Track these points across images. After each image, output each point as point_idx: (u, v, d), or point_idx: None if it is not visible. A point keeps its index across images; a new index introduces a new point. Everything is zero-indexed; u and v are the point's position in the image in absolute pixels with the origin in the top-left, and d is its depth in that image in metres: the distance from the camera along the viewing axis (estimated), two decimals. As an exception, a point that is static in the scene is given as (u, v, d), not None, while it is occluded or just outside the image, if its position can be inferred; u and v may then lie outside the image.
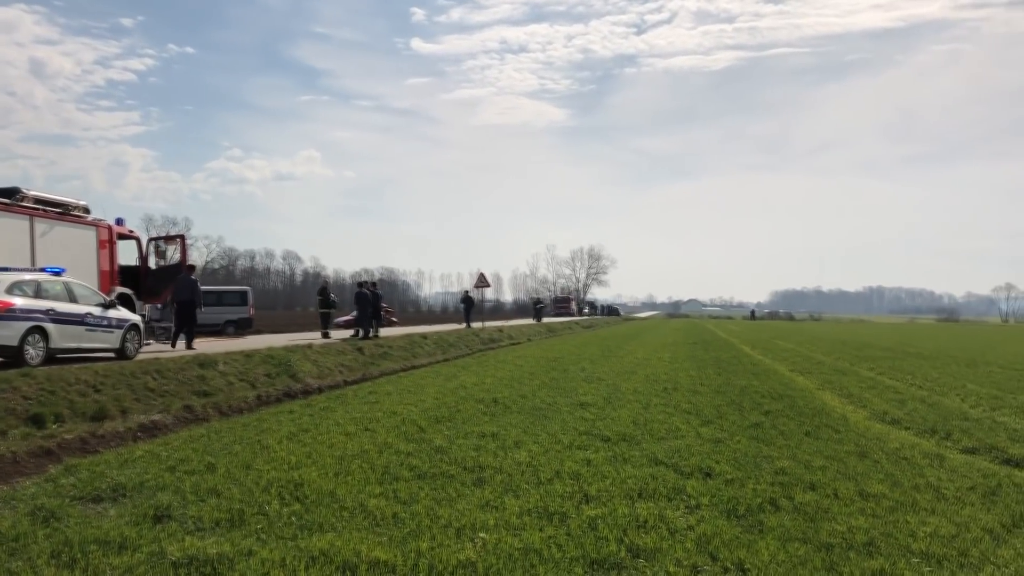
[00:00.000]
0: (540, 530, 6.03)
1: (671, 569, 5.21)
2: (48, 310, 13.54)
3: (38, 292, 13.63)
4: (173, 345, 19.29)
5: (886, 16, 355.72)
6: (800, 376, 20.23)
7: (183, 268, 21.75)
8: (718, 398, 14.66)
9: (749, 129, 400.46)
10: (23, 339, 12.91)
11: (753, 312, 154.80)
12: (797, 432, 10.83)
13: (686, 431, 10.76)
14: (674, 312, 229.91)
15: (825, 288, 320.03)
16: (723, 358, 26.63)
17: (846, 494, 7.28)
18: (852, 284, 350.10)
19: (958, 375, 20.70)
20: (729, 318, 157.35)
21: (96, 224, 19.14)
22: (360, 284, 29.63)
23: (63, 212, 18.04)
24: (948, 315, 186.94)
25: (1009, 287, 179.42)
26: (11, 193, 16.59)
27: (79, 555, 5.42)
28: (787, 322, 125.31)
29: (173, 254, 23.43)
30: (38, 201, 17.26)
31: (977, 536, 6.04)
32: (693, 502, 6.93)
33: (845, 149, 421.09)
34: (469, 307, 42.83)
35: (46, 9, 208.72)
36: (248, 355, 17.47)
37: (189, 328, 19.51)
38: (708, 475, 8.04)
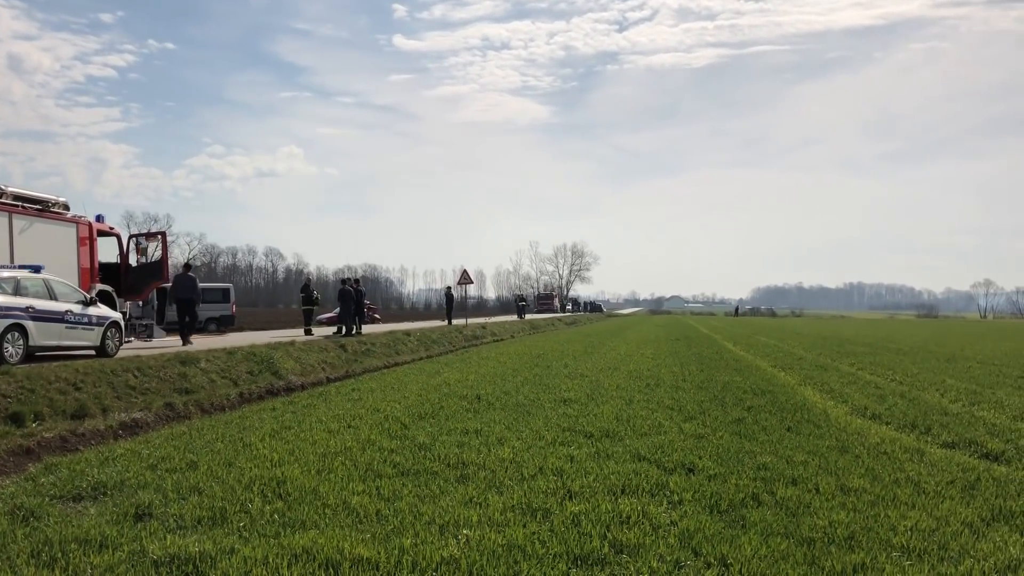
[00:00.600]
0: (523, 526, 6.04)
1: (654, 564, 5.23)
2: (27, 307, 13.39)
3: (17, 289, 13.47)
4: (185, 342, 19.71)
5: (866, 14, 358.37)
6: (782, 372, 20.36)
7: (164, 265, 21.67)
8: (700, 394, 14.73)
9: (730, 126, 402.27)
10: (1, 337, 12.76)
11: (737, 309, 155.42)
12: (779, 427, 10.90)
13: (669, 427, 10.80)
14: (656, 309, 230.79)
15: (806, 284, 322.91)
16: (705, 354, 26.76)
17: (827, 489, 7.34)
18: (833, 280, 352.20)
19: (937, 370, 20.89)
20: (711, 314, 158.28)
21: (76, 221, 18.95)
22: (343, 281, 29.49)
23: (42, 209, 17.84)
24: (928, 311, 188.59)
25: (988, 283, 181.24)
26: (-10, 189, 16.40)
27: (59, 554, 5.38)
28: (768, 318, 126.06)
29: (154, 251, 23.22)
30: (17, 198, 17.06)
31: (957, 530, 6.10)
32: (676, 498, 6.96)
33: (825, 146, 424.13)
34: (450, 303, 42.77)
35: (24, 4, 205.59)
36: (230, 352, 17.37)
37: (190, 324, 20.46)
38: (691, 471, 8.08)
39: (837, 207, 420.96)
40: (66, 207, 18.80)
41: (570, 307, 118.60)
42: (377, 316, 46.18)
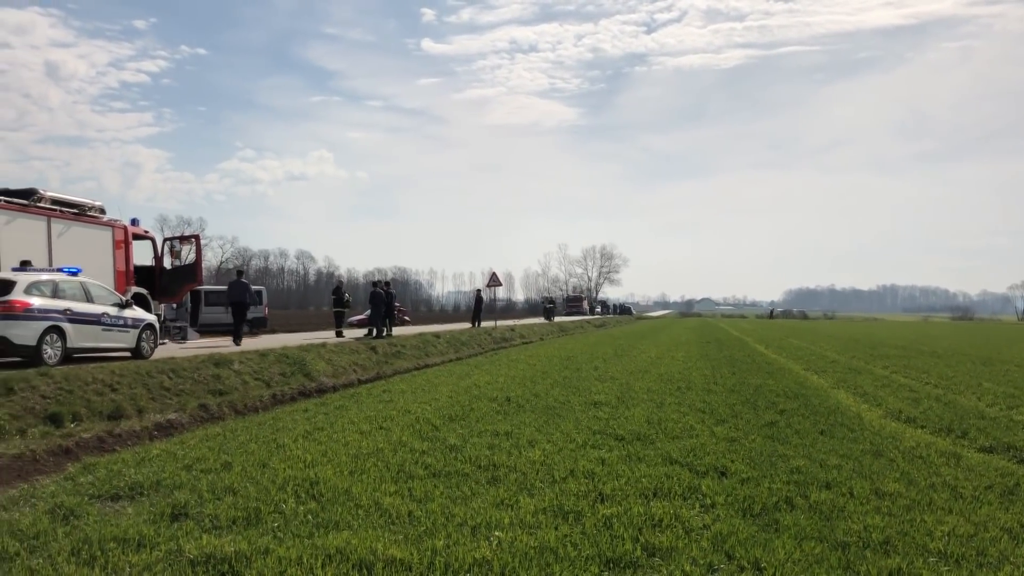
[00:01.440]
0: (555, 529, 6.03)
1: (687, 568, 5.20)
2: (65, 310, 13.64)
3: (55, 292, 13.73)
4: (237, 342, 20.74)
5: (897, 13, 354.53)
6: (814, 375, 20.14)
7: (198, 268, 22.06)
8: (732, 397, 14.62)
9: (759, 127, 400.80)
10: (41, 339, 13.01)
11: (772, 312, 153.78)
12: (812, 431, 10.79)
13: (700, 430, 10.73)
14: (687, 311, 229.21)
15: (838, 287, 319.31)
16: (736, 357, 26.53)
17: (861, 493, 7.25)
18: (865, 283, 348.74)
19: (973, 373, 20.55)
20: (742, 317, 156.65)
21: (112, 224, 19.28)
22: (374, 283, 29.76)
23: (79, 213, 18.18)
24: (963, 313, 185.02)
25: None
26: (28, 194, 16.74)
27: (98, 553, 5.47)
28: (801, 321, 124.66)
29: (188, 254, 23.59)
30: (55, 202, 17.41)
31: (995, 535, 6.00)
32: (708, 501, 6.92)
33: (855, 147, 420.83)
34: (479, 305, 42.74)
35: (61, 12, 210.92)
36: (263, 354, 17.55)
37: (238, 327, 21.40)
38: (723, 474, 8.02)
39: (869, 208, 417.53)
40: (102, 211, 19.14)
41: (599, 309, 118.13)
42: (407, 318, 46.41)
